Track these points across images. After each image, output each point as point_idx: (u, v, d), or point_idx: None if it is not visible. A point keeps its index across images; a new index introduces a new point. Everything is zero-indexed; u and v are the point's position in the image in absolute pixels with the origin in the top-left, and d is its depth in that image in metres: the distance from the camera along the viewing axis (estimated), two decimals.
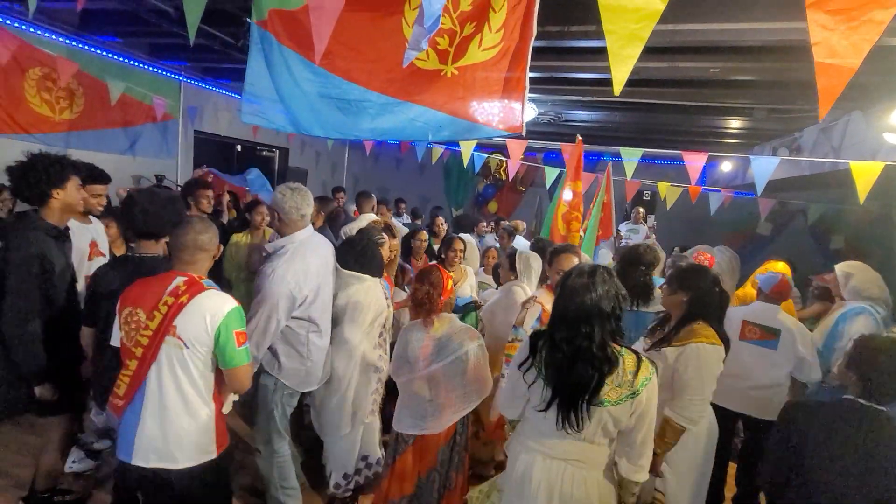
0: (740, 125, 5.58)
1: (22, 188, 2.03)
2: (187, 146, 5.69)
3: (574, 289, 1.48)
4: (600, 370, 1.44)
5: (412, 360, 2.17)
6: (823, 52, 1.20)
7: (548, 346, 1.52)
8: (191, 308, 1.60)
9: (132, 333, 1.63)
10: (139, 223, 1.93)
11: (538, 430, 1.61)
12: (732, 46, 3.25)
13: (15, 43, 3.70)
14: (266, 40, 2.26)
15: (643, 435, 1.52)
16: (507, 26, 1.94)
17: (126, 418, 1.68)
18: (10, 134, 3.95)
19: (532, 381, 1.55)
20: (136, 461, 1.66)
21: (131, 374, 1.63)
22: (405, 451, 2.22)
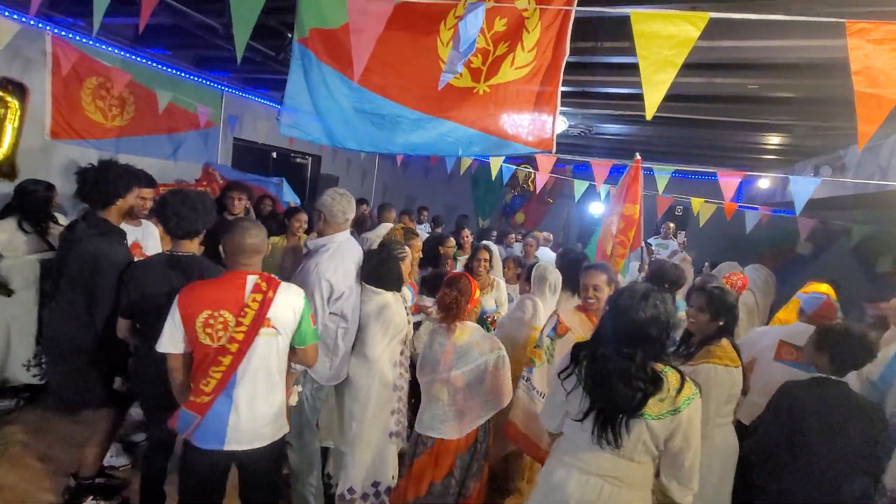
0: (780, 141, 5.41)
1: (90, 191, 2.21)
2: (226, 152, 5.93)
3: (623, 308, 1.49)
4: (644, 390, 1.45)
5: (433, 363, 2.21)
6: (864, 81, 1.17)
7: (589, 359, 1.55)
8: (279, 300, 1.78)
9: (220, 333, 1.73)
10: (172, 225, 2.04)
11: (575, 443, 1.61)
12: (771, 63, 3.17)
13: (75, 55, 3.97)
14: (306, 57, 2.36)
15: (691, 456, 1.52)
16: (540, 46, 1.97)
17: (213, 410, 1.78)
18: (66, 139, 4.22)
19: (571, 389, 1.58)
20: (229, 447, 1.80)
21: (224, 370, 1.74)
22: (423, 454, 2.25)
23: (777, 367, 2.52)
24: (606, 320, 1.56)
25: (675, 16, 1.36)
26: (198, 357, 1.79)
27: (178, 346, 1.79)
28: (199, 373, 1.78)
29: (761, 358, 2.58)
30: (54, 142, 4.14)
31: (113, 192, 2.24)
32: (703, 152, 6.71)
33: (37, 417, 3.18)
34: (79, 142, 4.33)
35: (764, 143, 5.59)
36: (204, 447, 1.82)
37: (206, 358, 1.76)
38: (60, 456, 2.89)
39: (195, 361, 1.80)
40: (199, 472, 1.90)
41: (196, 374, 1.80)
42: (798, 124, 4.41)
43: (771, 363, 2.52)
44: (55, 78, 4.02)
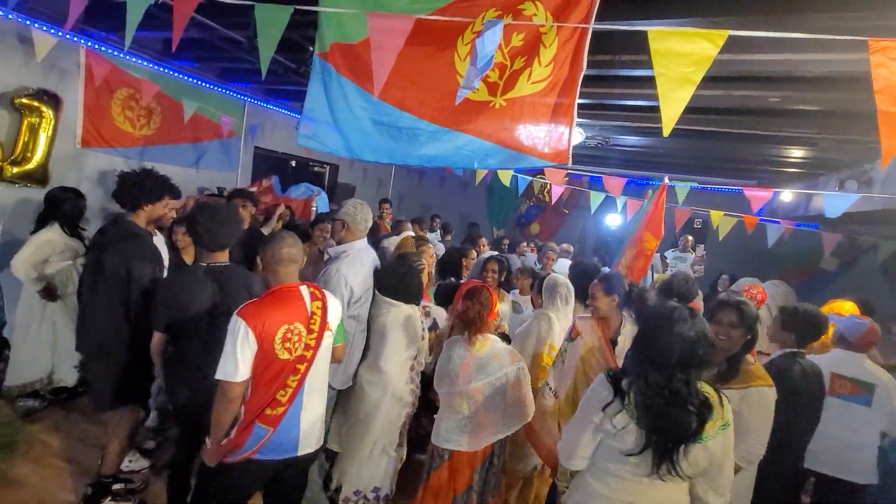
0: (803, 155, 5.29)
1: (126, 193, 2.34)
2: (247, 161, 6.07)
3: (681, 336, 1.43)
4: (702, 416, 1.42)
5: (452, 375, 2.20)
6: (887, 100, 1.14)
7: (642, 389, 1.46)
8: (329, 304, 1.90)
9: (296, 345, 1.80)
10: (206, 239, 2.11)
11: (616, 475, 1.52)
12: (793, 77, 3.12)
13: (108, 67, 4.13)
14: (326, 71, 2.42)
15: (729, 465, 1.52)
16: (557, 61, 1.98)
17: (286, 419, 1.79)
18: (96, 147, 4.38)
19: (623, 427, 1.47)
20: (303, 451, 1.87)
21: (300, 377, 1.80)
22: (440, 467, 2.23)
23: (830, 402, 2.38)
24: (652, 344, 1.47)
25: (693, 34, 1.35)
26: (268, 375, 1.76)
27: (249, 371, 1.74)
28: (272, 387, 1.77)
29: None
30: (84, 150, 4.30)
31: (146, 196, 2.37)
32: (722, 165, 6.61)
33: (60, 418, 3.27)
34: (107, 150, 4.49)
35: (786, 156, 5.48)
36: (275, 458, 1.82)
37: (280, 372, 1.77)
38: (81, 457, 2.96)
39: (266, 378, 1.77)
40: (252, 483, 1.91)
41: (267, 390, 1.77)
42: (822, 137, 4.32)
43: (825, 398, 2.37)
44: (88, 89, 4.19)
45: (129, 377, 2.36)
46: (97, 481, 2.51)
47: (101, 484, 2.50)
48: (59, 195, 3.15)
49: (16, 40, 3.65)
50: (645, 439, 1.45)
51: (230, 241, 2.20)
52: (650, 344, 1.48)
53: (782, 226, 5.47)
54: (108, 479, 2.51)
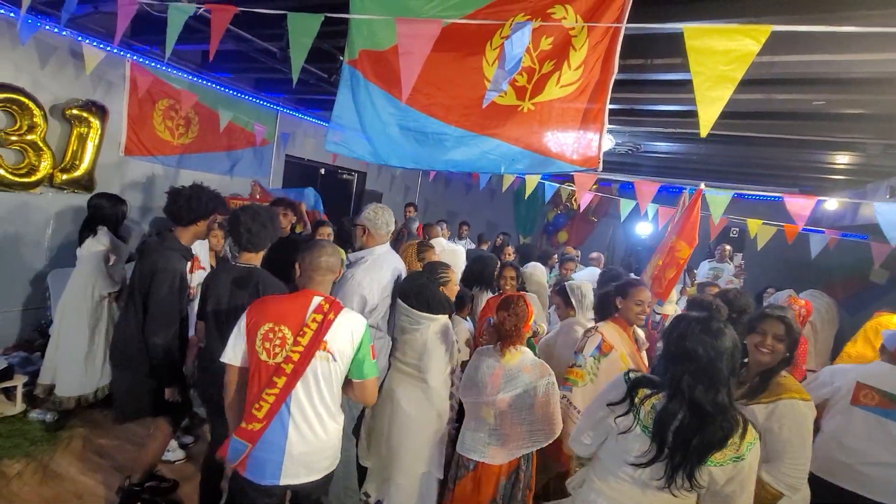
0: (849, 161, 5.02)
1: (180, 210, 2.38)
2: (278, 169, 6.23)
3: (704, 345, 1.39)
4: (726, 434, 1.38)
5: (480, 385, 2.16)
6: None
7: (663, 401, 1.44)
8: (338, 324, 1.72)
9: (277, 349, 1.68)
10: (244, 240, 2.17)
11: (617, 477, 1.52)
12: (839, 78, 2.97)
13: (150, 79, 4.33)
14: (355, 77, 2.45)
15: (744, 499, 1.44)
16: (587, 64, 1.94)
17: (266, 440, 1.68)
18: (138, 155, 4.59)
19: (626, 430, 1.48)
20: (285, 481, 1.71)
21: (278, 392, 1.65)
22: (464, 477, 2.20)
23: (856, 412, 2.25)
24: (680, 357, 1.43)
25: (732, 30, 1.29)
26: (252, 379, 1.72)
27: (238, 358, 1.75)
28: (251, 396, 1.72)
29: (836, 400, 2.32)
30: (127, 158, 4.51)
31: (201, 212, 2.42)
32: (762, 172, 6.34)
33: (100, 414, 3.40)
34: (148, 158, 4.69)
35: (831, 162, 5.21)
36: (259, 482, 1.72)
37: (259, 377, 1.70)
38: (117, 453, 3.07)
39: (249, 379, 1.74)
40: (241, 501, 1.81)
41: (248, 399, 1.73)
42: (870, 142, 4.08)
43: (848, 408, 2.26)
44: (132, 100, 4.40)
45: (151, 387, 2.38)
46: (127, 490, 2.52)
47: (130, 493, 2.52)
48: (103, 201, 3.30)
49: (68, 55, 3.88)
50: (656, 451, 1.42)
51: (264, 245, 2.27)
52: (675, 355, 1.45)
53: (827, 236, 5.18)
54: (137, 487, 2.53)
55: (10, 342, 3.83)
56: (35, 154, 3.73)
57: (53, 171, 3.86)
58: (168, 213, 2.44)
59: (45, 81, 3.78)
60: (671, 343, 1.49)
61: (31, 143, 3.69)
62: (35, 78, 3.72)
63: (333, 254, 1.85)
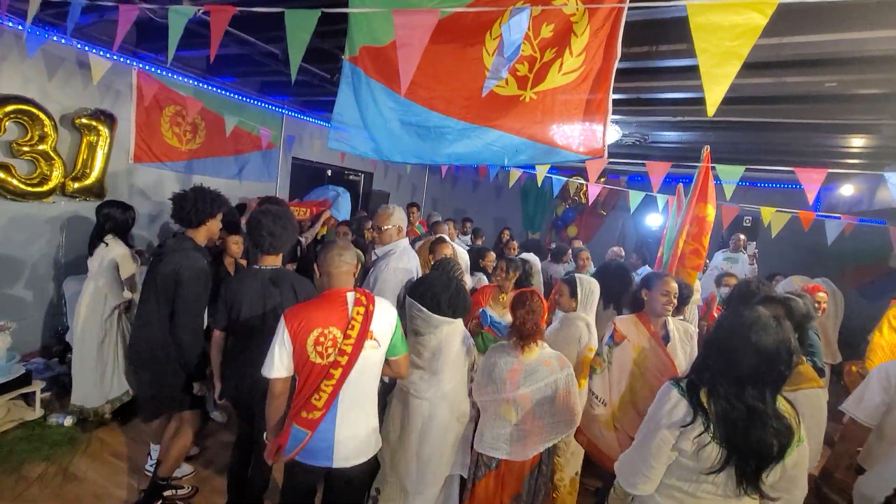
0: (865, 143, 4.89)
1: (189, 213, 2.44)
2: (286, 171, 6.27)
3: (757, 345, 1.31)
4: (780, 441, 1.31)
5: (498, 382, 2.13)
6: None
7: (719, 402, 1.35)
8: (378, 312, 1.86)
9: (329, 350, 1.79)
10: (266, 243, 2.21)
11: (689, 494, 1.43)
12: (852, 58, 2.88)
13: (156, 86, 4.38)
14: (356, 74, 2.44)
15: (804, 477, 1.43)
16: (590, 50, 1.90)
17: (322, 426, 1.81)
18: (147, 162, 4.65)
19: (705, 445, 1.35)
20: (338, 464, 1.84)
21: (334, 383, 1.77)
22: (486, 476, 2.17)
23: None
24: (721, 351, 1.36)
25: (738, 4, 1.24)
26: (304, 377, 1.81)
27: (287, 369, 1.82)
28: (306, 390, 1.80)
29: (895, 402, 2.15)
30: (137, 165, 4.57)
31: (209, 212, 2.48)
32: (775, 158, 6.20)
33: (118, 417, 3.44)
34: (157, 164, 4.75)
35: (846, 145, 5.08)
36: (312, 464, 1.86)
37: (315, 376, 1.79)
38: (135, 454, 3.11)
39: (302, 381, 1.82)
40: (301, 487, 1.97)
41: (303, 392, 1.81)
42: (887, 123, 3.97)
43: None
44: (139, 108, 4.46)
45: (180, 383, 2.43)
46: (152, 482, 2.58)
47: (155, 486, 2.57)
48: (114, 210, 3.31)
49: (75, 65, 3.94)
50: (725, 457, 1.34)
51: (286, 247, 2.31)
52: (722, 351, 1.37)
53: (843, 221, 5.05)
54: (163, 481, 2.58)
55: (27, 349, 3.90)
56: (46, 164, 3.79)
57: (65, 180, 3.92)
58: (177, 219, 2.49)
59: (53, 92, 3.84)
60: (720, 337, 1.41)
61: (42, 153, 3.75)
62: (44, 89, 3.78)
63: (348, 250, 1.93)
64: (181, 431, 2.56)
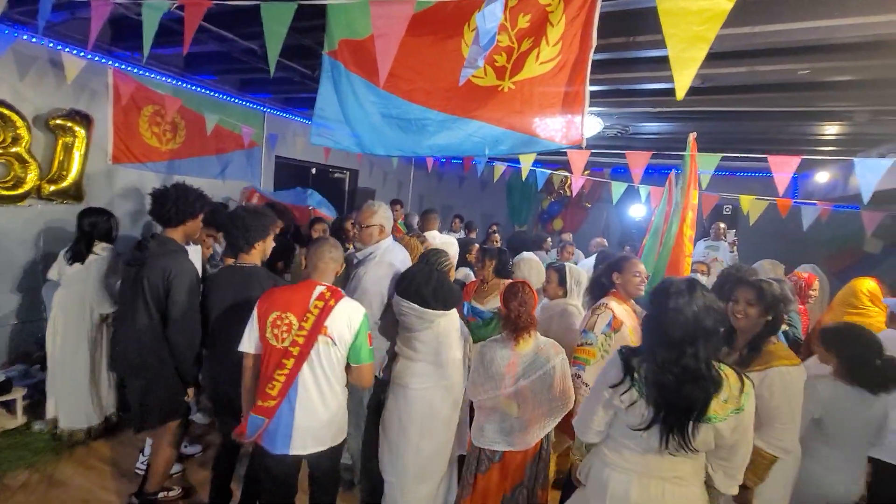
0: (838, 131, 5.03)
1: (168, 211, 2.37)
2: (269, 170, 6.21)
3: (677, 308, 1.44)
4: (707, 391, 1.43)
5: (496, 378, 2.13)
6: None
7: (651, 367, 1.49)
8: (338, 311, 1.89)
9: (284, 334, 1.87)
10: (240, 241, 2.24)
11: (629, 448, 1.58)
12: (823, 45, 2.96)
13: (133, 85, 4.30)
14: (336, 68, 2.43)
15: (744, 449, 1.53)
16: (566, 39, 1.93)
17: (279, 415, 1.90)
18: (126, 163, 4.57)
19: (631, 403, 1.52)
20: (294, 451, 1.92)
21: (287, 373, 1.85)
22: (490, 469, 2.18)
23: None
24: (659, 323, 1.48)
25: None
26: (265, 358, 1.92)
27: (252, 345, 1.94)
28: (264, 378, 1.91)
29: None
30: (116, 166, 4.48)
31: (189, 211, 2.41)
32: (752, 147, 6.33)
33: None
34: (137, 165, 4.66)
35: (820, 133, 5.21)
36: (273, 451, 1.95)
37: (270, 360, 1.90)
38: (123, 458, 3.07)
39: (262, 363, 1.93)
40: (272, 473, 2.03)
41: (262, 380, 1.92)
42: (858, 110, 4.08)
43: None
44: (116, 108, 4.37)
45: (171, 391, 2.38)
46: (143, 499, 2.53)
47: (147, 501, 2.53)
48: (97, 218, 3.21)
49: (48, 64, 3.85)
50: (652, 415, 1.47)
51: (247, 244, 2.27)
52: (656, 321, 1.50)
53: (818, 207, 5.19)
54: (152, 496, 2.53)
55: (5, 357, 3.82)
56: (21, 166, 3.70)
57: (41, 183, 3.83)
58: (156, 217, 2.41)
59: (25, 92, 3.75)
60: (650, 309, 1.57)
61: (15, 156, 3.66)
62: (15, 89, 3.68)
63: (335, 248, 2.02)
64: (163, 443, 2.49)
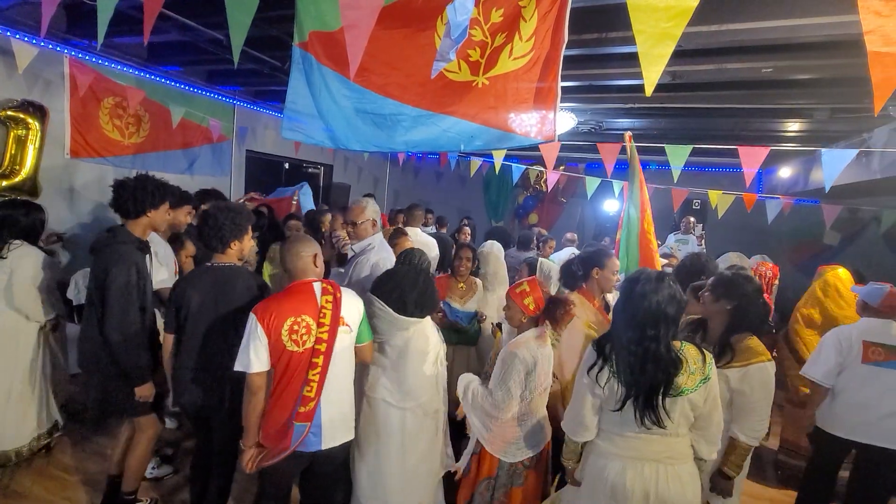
0: (800, 127, 5.22)
1: (126, 202, 2.28)
2: (240, 165, 6.04)
3: (643, 294, 1.55)
4: (668, 371, 1.53)
5: (536, 380, 2.04)
6: (877, 40, 1.10)
7: (619, 348, 1.60)
8: (345, 300, 1.92)
9: (304, 337, 1.83)
10: (213, 241, 2.13)
11: (621, 434, 1.64)
12: (786, 44, 3.05)
13: (92, 75, 4.10)
14: (307, 61, 2.37)
15: (718, 415, 1.64)
16: (538, 35, 1.93)
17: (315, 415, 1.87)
18: (86, 157, 4.36)
19: (606, 381, 1.61)
20: (326, 444, 1.91)
21: (320, 371, 1.83)
22: (526, 479, 2.11)
23: (867, 369, 2.39)
24: (627, 307, 1.59)
25: None
26: (282, 368, 1.83)
27: (264, 363, 1.83)
28: (294, 385, 1.83)
29: (848, 363, 2.43)
30: (74, 160, 4.28)
31: (150, 202, 2.32)
32: (720, 143, 6.52)
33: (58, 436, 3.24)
34: (98, 160, 4.46)
35: (784, 129, 5.40)
36: (304, 451, 1.89)
37: (296, 366, 1.83)
38: (88, 466, 2.94)
39: (279, 374, 1.85)
40: (287, 474, 1.99)
41: (291, 387, 1.83)
42: (818, 107, 4.25)
43: (860, 367, 2.40)
44: (73, 99, 4.16)
45: (125, 388, 2.27)
46: (120, 500, 2.43)
47: (124, 502, 2.44)
48: (16, 211, 2.76)
49: None
50: (624, 394, 1.58)
51: (222, 244, 2.16)
52: (623, 304, 1.61)
53: (781, 201, 5.40)
54: (130, 496, 2.43)
55: None
56: None
57: None
58: (115, 208, 2.31)
59: None
60: (620, 296, 1.67)
61: None
62: None
63: (302, 242, 1.97)
64: (136, 441, 2.41)
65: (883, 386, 2.34)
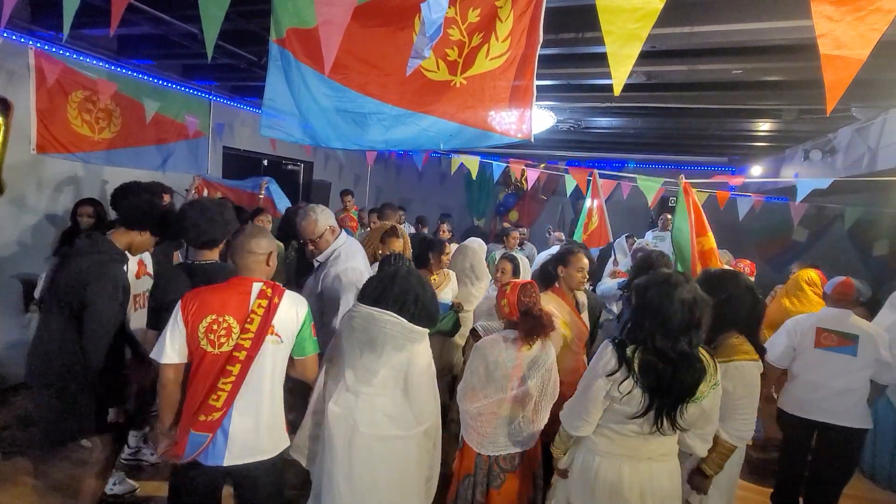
0: (769, 128, 5.40)
1: (135, 214, 2.25)
2: (216, 161, 5.92)
3: (680, 299, 1.53)
4: (698, 374, 1.55)
5: (501, 381, 2.03)
6: (829, 44, 1.17)
7: (648, 355, 1.56)
8: (283, 307, 1.74)
9: (222, 339, 1.67)
10: (192, 236, 2.06)
11: (620, 433, 1.66)
12: (755, 47, 3.16)
13: (58, 68, 3.96)
14: (284, 58, 2.35)
15: (716, 415, 1.69)
16: (514, 35, 1.96)
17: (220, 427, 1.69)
18: (54, 153, 4.21)
19: (629, 392, 1.57)
20: (229, 462, 1.71)
21: (234, 380, 1.66)
22: (507, 480, 2.09)
23: (819, 354, 2.59)
24: (659, 312, 1.55)
25: None
26: (195, 366, 1.70)
27: (180, 355, 1.70)
28: (201, 388, 1.69)
29: (802, 347, 2.64)
30: (41, 156, 4.12)
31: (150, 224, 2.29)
32: (694, 143, 6.69)
33: (28, 434, 3.14)
34: (66, 155, 4.31)
35: (754, 129, 5.58)
36: (203, 463, 1.72)
37: (208, 369, 1.68)
38: (55, 473, 2.85)
39: (192, 372, 1.71)
40: (195, 489, 1.80)
41: (198, 390, 1.69)
42: (786, 108, 4.40)
43: (814, 352, 2.60)
44: (40, 92, 4.01)
45: (93, 405, 2.15)
46: None
47: None
48: None
49: None
50: (648, 401, 1.56)
51: (219, 240, 2.14)
52: (654, 312, 1.56)
53: (753, 198, 5.59)
54: None
55: None
56: None
57: None
58: (119, 209, 2.28)
59: None
60: (638, 299, 1.64)
61: None
62: None
63: (258, 237, 1.81)
64: (96, 461, 2.27)
65: (834, 368, 2.54)
